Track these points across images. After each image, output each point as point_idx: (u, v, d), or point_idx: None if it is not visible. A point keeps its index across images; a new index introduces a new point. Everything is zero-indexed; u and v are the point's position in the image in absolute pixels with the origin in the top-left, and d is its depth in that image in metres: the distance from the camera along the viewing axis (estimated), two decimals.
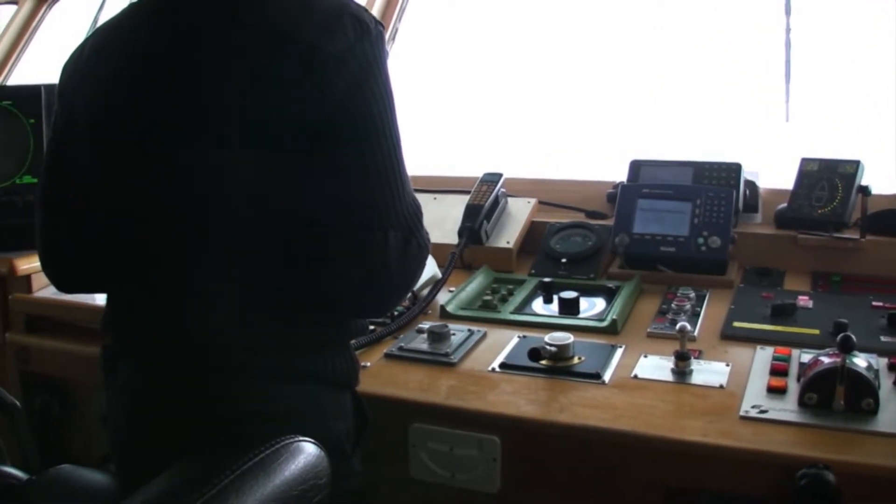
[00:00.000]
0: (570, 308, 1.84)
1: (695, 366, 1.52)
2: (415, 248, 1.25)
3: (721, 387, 1.46)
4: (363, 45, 1.20)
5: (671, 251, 2.04)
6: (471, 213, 2.18)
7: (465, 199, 2.23)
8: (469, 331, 1.73)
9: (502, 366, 1.58)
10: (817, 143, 2.34)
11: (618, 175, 2.36)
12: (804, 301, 1.80)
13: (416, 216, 1.27)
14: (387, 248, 1.21)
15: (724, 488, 1.31)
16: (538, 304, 1.91)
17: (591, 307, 1.88)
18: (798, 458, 1.23)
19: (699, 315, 1.78)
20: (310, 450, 1.05)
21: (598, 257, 2.10)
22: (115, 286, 1.39)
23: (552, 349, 1.55)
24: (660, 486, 1.36)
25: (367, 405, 1.41)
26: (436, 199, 2.37)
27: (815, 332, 1.64)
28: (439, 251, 1.90)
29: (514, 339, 1.70)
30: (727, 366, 1.53)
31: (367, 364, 1.60)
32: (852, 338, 1.32)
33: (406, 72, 2.79)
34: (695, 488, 1.33)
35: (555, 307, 1.87)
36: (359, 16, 1.23)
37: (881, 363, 1.46)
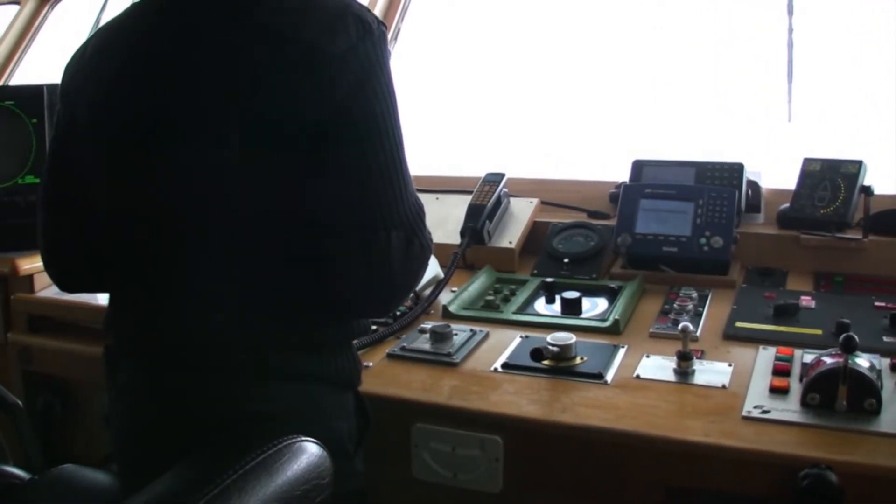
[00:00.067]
0: (572, 308, 1.84)
1: (697, 366, 1.52)
2: (417, 248, 1.25)
3: (723, 387, 1.46)
4: (366, 44, 1.20)
5: (673, 251, 2.03)
6: (473, 213, 2.18)
7: (467, 199, 2.23)
8: (471, 331, 1.73)
9: (505, 366, 1.58)
10: (819, 143, 2.34)
11: (619, 175, 2.36)
12: (807, 301, 1.79)
13: (418, 216, 1.27)
14: (389, 249, 1.21)
15: (726, 488, 1.31)
16: (540, 305, 1.91)
17: (594, 307, 1.88)
18: (800, 459, 1.23)
19: (701, 315, 1.78)
20: (312, 450, 1.05)
21: (601, 257, 2.10)
22: (117, 286, 1.39)
23: (554, 349, 1.55)
24: (662, 486, 1.36)
25: (369, 405, 1.41)
26: (438, 199, 2.37)
27: (818, 332, 1.64)
28: (442, 251, 1.90)
29: (517, 340, 1.70)
30: (729, 366, 1.53)
31: (370, 364, 1.60)
32: (855, 338, 1.32)
33: (408, 72, 2.79)
34: (697, 488, 1.33)
35: (557, 307, 1.87)
36: (361, 16, 1.23)
37: (884, 363, 1.46)
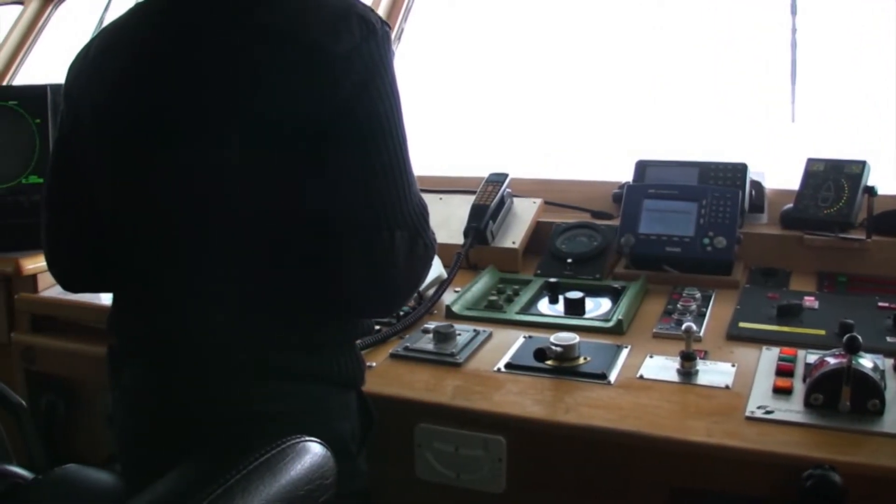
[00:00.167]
0: (575, 308, 1.84)
1: (700, 366, 1.52)
2: (421, 248, 1.25)
3: (727, 387, 1.46)
4: (369, 45, 1.20)
5: (677, 251, 2.03)
6: (476, 213, 2.18)
7: (470, 199, 2.23)
8: (475, 331, 1.73)
9: (508, 366, 1.58)
10: (823, 144, 2.34)
11: (619, 174, 2.36)
12: (810, 301, 1.79)
13: (422, 216, 1.27)
14: (393, 249, 1.21)
15: (729, 489, 1.31)
16: (544, 305, 1.91)
17: (597, 307, 1.88)
18: (804, 459, 1.23)
19: (705, 315, 1.78)
20: (316, 450, 1.05)
21: (604, 257, 2.10)
22: (120, 286, 1.39)
23: (558, 349, 1.55)
24: (665, 487, 1.36)
25: (372, 405, 1.41)
26: (441, 199, 2.37)
27: (821, 332, 1.64)
28: (445, 251, 1.90)
29: (520, 340, 1.70)
30: (733, 366, 1.53)
31: (373, 364, 1.61)
32: (858, 338, 1.32)
33: (411, 72, 2.79)
34: (700, 489, 1.33)
35: (560, 307, 1.87)
36: (365, 16, 1.23)
37: (887, 364, 1.46)
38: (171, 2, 1.29)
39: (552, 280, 1.94)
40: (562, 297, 1.87)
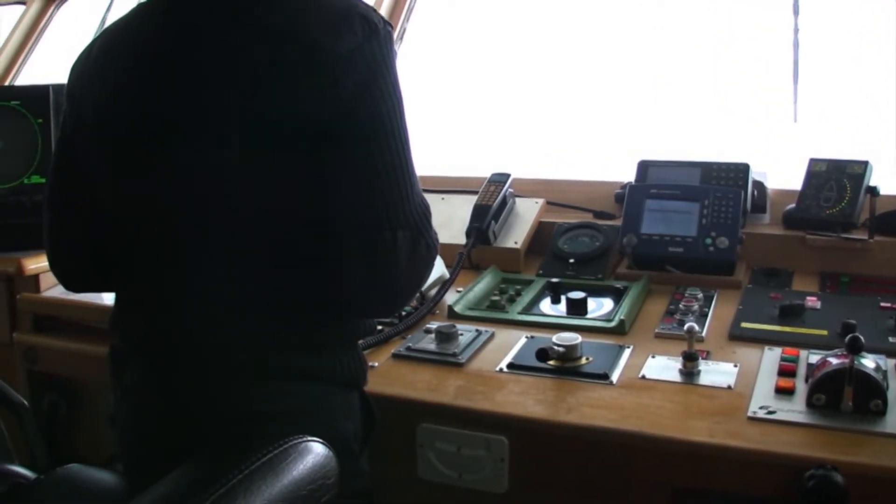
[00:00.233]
0: (577, 308, 1.84)
1: (702, 366, 1.52)
2: (423, 248, 1.25)
3: (729, 387, 1.46)
4: (371, 44, 1.20)
5: (679, 251, 2.03)
6: (479, 213, 2.18)
7: (472, 199, 2.23)
8: (477, 331, 1.73)
9: (510, 366, 1.58)
10: (825, 144, 2.33)
11: (619, 174, 2.36)
12: (812, 302, 1.79)
13: (424, 216, 1.27)
14: (395, 248, 1.21)
15: (731, 489, 1.31)
16: (546, 305, 1.91)
17: (599, 307, 1.88)
18: (806, 459, 1.23)
19: (707, 315, 1.78)
20: (318, 450, 1.05)
21: (606, 258, 2.10)
22: (122, 286, 1.39)
23: (560, 349, 1.55)
24: (667, 487, 1.36)
25: (375, 405, 1.41)
26: (444, 199, 2.37)
27: (824, 332, 1.64)
28: (447, 251, 1.90)
29: (522, 340, 1.70)
30: (735, 366, 1.53)
31: (375, 364, 1.61)
32: (861, 339, 1.32)
33: (413, 72, 2.79)
34: (702, 489, 1.33)
35: (563, 307, 1.87)
36: (367, 15, 1.23)
37: (889, 364, 1.45)
38: (171, 2, 1.29)
39: (554, 280, 1.94)
40: (564, 298, 1.87)
